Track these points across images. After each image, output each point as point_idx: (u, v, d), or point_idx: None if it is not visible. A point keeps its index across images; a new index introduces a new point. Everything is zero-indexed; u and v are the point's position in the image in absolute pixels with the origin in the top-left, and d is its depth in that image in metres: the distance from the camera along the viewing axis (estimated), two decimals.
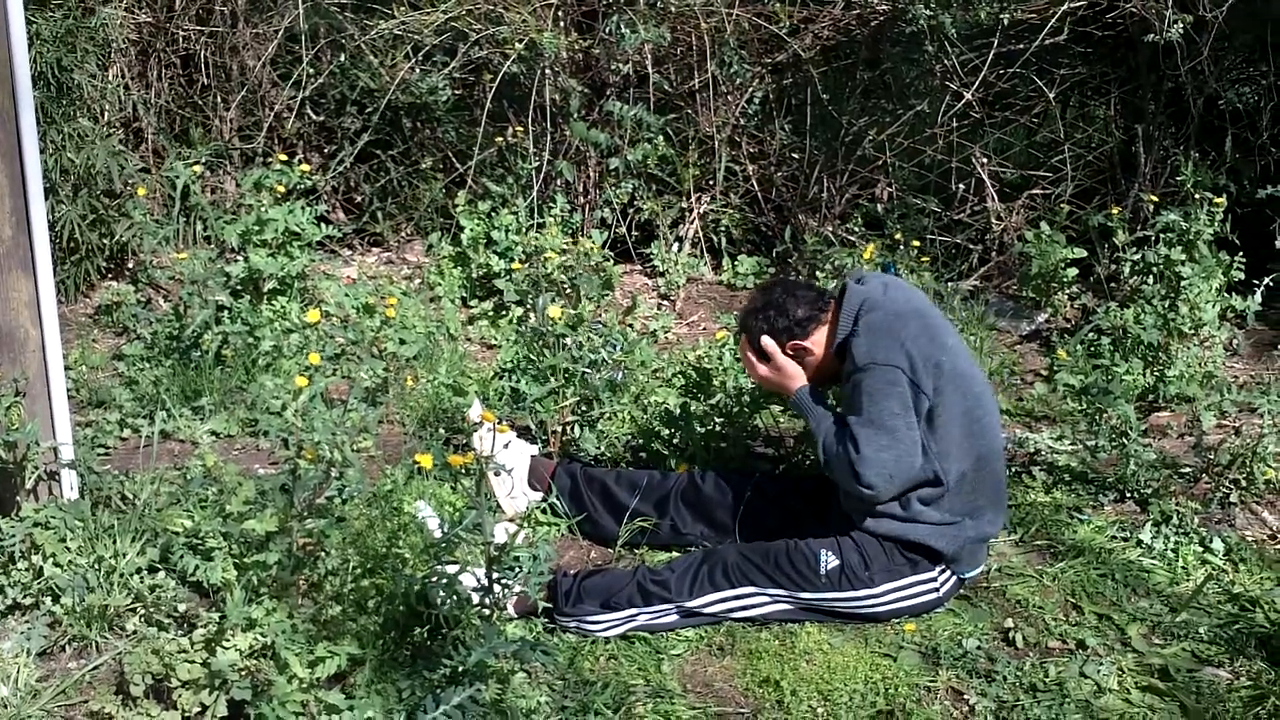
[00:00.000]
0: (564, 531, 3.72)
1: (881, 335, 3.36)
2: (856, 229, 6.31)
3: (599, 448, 4.01)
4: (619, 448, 4.09)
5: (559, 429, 4.06)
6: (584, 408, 4.07)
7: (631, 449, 4.16)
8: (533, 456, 3.84)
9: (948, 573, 3.38)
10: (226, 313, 4.92)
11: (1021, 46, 6.00)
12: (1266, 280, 5.15)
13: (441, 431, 4.33)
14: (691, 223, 6.45)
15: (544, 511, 3.70)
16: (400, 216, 6.54)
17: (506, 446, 3.74)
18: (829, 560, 3.32)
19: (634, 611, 3.29)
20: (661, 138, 6.24)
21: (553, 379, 4.00)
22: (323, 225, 5.41)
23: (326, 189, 6.37)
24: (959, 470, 3.33)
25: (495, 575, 2.96)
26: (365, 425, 3.42)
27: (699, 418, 4.05)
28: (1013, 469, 4.22)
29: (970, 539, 3.36)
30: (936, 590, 3.37)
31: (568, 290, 5.25)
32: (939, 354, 3.34)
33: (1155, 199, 5.65)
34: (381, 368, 3.85)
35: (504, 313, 5.63)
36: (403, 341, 4.71)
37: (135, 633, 3.06)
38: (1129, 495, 4.04)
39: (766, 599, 3.33)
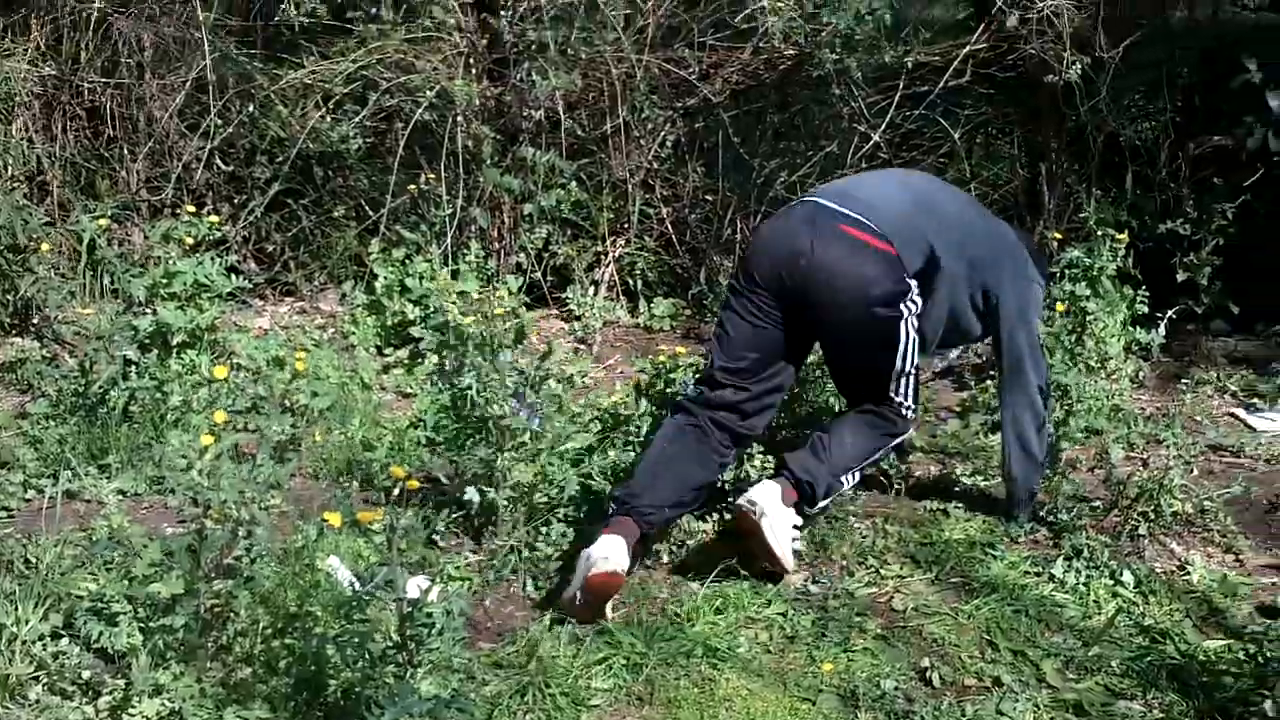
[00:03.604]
0: (476, 588, 3.69)
1: None
2: None
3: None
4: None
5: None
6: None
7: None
8: None
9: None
10: (134, 368, 4.84)
11: (926, 88, 6.10)
12: (1169, 313, 5.25)
13: (355, 485, 4.29)
14: (607, 266, 6.47)
15: (457, 567, 3.68)
16: (313, 265, 6.50)
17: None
18: None
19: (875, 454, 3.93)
20: (575, 182, 6.26)
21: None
22: (233, 276, 5.35)
23: (237, 239, 6.31)
24: None
25: (408, 632, 2.93)
26: (274, 482, 3.38)
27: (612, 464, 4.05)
28: (927, 508, 4.26)
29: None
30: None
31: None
32: None
33: (1059, 236, 5.75)
34: (289, 423, 3.81)
35: (419, 361, 5.60)
36: (315, 394, 4.66)
37: (38, 702, 2.99)
38: (1045, 521, 4.08)
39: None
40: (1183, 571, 3.81)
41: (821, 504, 3.89)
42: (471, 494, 3.85)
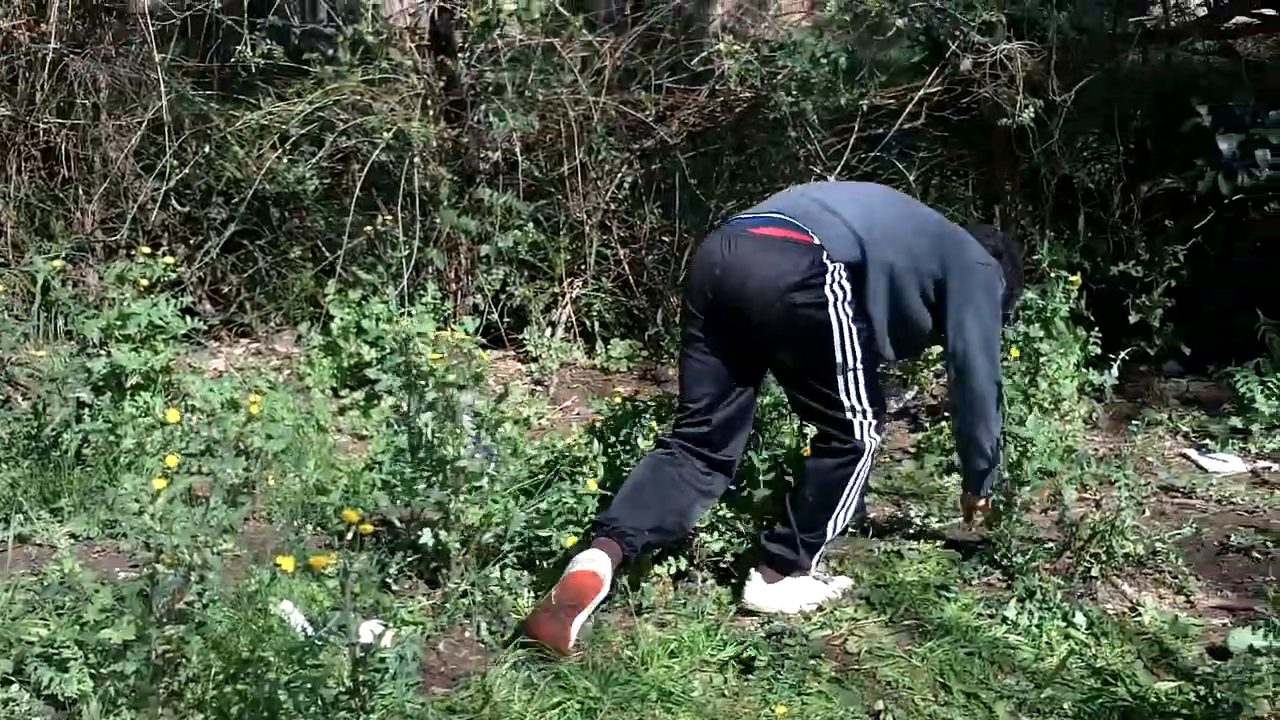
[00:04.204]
0: (430, 632, 3.66)
1: None
2: None
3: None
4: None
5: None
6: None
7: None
8: None
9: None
10: (88, 410, 4.81)
11: (881, 131, 6.16)
12: (1122, 354, 5.30)
13: (309, 528, 4.27)
14: (564, 307, 6.48)
15: (410, 611, 3.66)
16: (269, 306, 6.48)
17: None
18: None
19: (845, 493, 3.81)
20: (532, 224, 6.28)
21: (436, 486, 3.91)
22: (188, 318, 5.32)
23: (192, 280, 6.28)
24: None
25: (361, 677, 2.92)
26: (228, 526, 3.37)
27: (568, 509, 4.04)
28: (881, 550, 4.27)
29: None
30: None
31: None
32: None
33: None
34: (243, 467, 3.79)
35: (375, 402, 5.58)
36: (269, 436, 4.64)
37: None
38: (999, 565, 4.10)
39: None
40: (1134, 613, 3.83)
41: (814, 562, 3.89)
42: (426, 537, 3.84)
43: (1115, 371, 5.24)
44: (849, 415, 3.77)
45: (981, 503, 4.18)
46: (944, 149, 6.67)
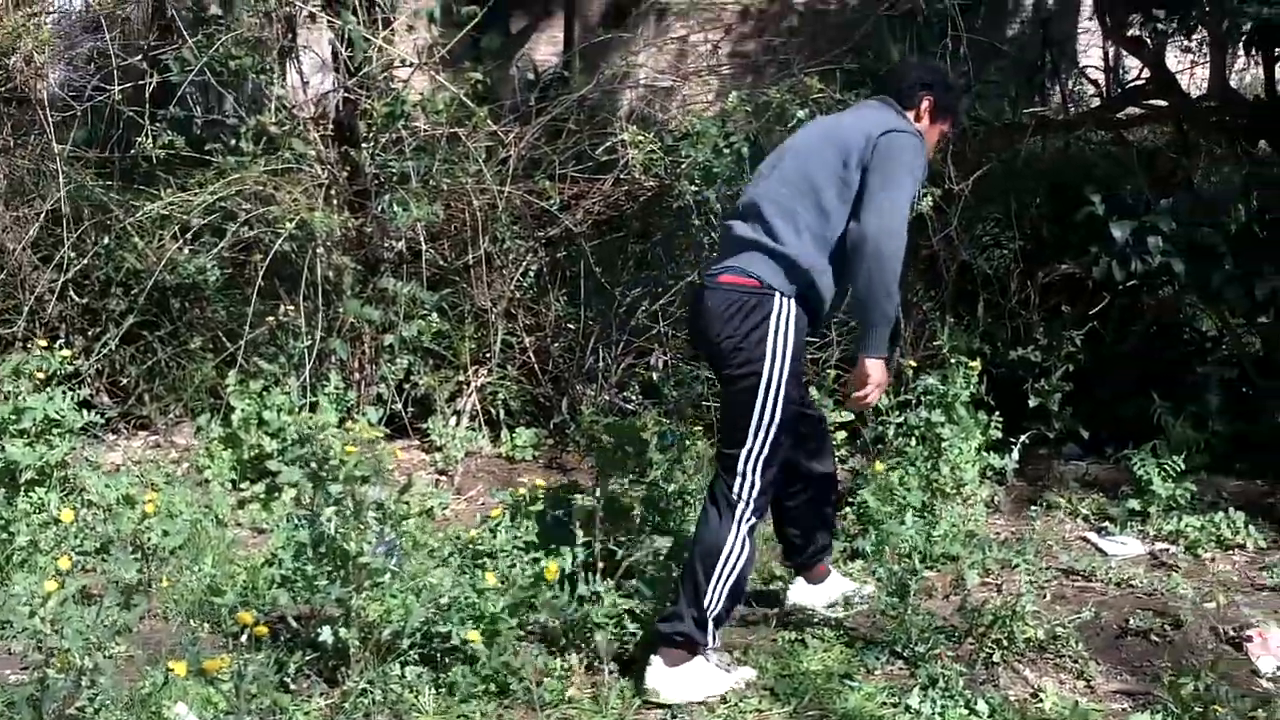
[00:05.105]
0: None
1: None
2: (634, 398, 6.40)
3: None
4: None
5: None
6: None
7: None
8: None
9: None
10: None
11: None
12: (1022, 438, 5.37)
13: (206, 627, 4.19)
14: (469, 396, 6.45)
15: (307, 714, 3.58)
16: (169, 398, 6.37)
17: None
18: None
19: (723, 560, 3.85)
20: (436, 313, 6.26)
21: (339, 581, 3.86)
22: (85, 411, 5.23)
23: (90, 372, 6.18)
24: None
25: None
26: (122, 626, 3.30)
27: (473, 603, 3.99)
28: (786, 638, 4.27)
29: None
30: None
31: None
32: None
33: (914, 364, 5.86)
34: (137, 568, 3.72)
35: (276, 495, 5.51)
36: (166, 533, 4.56)
37: None
38: (901, 654, 4.10)
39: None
40: (1036, 699, 3.85)
41: (712, 636, 3.89)
42: (325, 634, 3.78)
43: (1016, 455, 5.32)
44: (735, 475, 3.88)
45: (877, 367, 3.91)
46: None
